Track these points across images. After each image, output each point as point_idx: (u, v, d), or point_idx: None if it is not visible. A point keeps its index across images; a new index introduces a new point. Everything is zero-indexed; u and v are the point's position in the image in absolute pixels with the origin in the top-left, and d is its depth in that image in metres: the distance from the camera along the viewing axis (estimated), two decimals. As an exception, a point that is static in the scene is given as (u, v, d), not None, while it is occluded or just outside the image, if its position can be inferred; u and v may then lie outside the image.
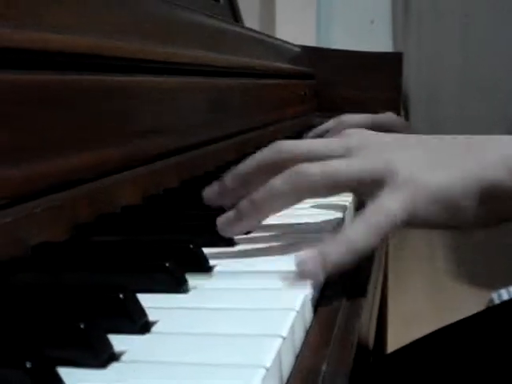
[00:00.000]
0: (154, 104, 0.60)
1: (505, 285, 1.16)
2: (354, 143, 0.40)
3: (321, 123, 0.82)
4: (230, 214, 0.39)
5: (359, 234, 0.34)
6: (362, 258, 0.34)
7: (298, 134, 1.13)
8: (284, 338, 0.25)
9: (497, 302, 1.00)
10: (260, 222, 0.39)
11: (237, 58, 0.87)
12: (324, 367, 0.26)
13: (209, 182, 0.63)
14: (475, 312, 0.64)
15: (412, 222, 0.36)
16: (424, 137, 0.41)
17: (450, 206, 0.35)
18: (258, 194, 0.38)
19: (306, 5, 2.89)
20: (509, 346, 0.52)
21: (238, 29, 0.94)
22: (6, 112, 0.37)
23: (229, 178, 0.42)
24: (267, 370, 0.23)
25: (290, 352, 0.27)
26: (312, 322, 0.31)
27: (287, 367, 0.26)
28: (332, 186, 0.37)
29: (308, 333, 0.30)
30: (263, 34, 1.08)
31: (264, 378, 0.22)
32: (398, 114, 1.41)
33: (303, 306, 0.30)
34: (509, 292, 1.06)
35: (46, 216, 0.40)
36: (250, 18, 2.16)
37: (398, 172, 0.36)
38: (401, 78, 1.37)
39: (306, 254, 0.33)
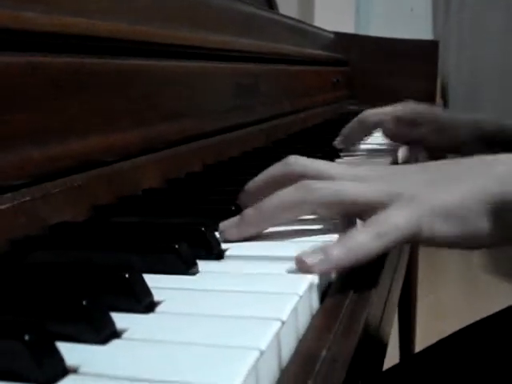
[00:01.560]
0: (180, 88, 0.61)
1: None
2: (362, 171, 0.40)
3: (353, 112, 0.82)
4: (235, 219, 0.39)
5: (362, 239, 0.33)
6: (364, 263, 0.34)
7: (329, 122, 1.12)
8: (283, 323, 0.25)
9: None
10: (264, 230, 0.39)
11: (266, 43, 0.87)
12: (324, 353, 0.26)
13: (233, 167, 0.64)
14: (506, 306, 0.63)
15: (419, 239, 0.35)
16: (428, 162, 0.40)
17: (457, 221, 0.34)
18: (265, 203, 0.38)
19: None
20: None
21: (269, 14, 0.94)
22: (26, 94, 0.38)
23: (243, 196, 0.42)
24: (262, 352, 0.23)
25: (291, 337, 0.27)
26: (318, 309, 0.31)
27: (288, 351, 0.26)
28: (337, 204, 0.37)
29: (313, 319, 0.30)
30: (295, 19, 1.07)
31: (258, 361, 0.22)
32: (433, 102, 1.39)
33: (308, 291, 0.30)
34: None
35: (65, 196, 0.41)
36: (289, 6, 2.15)
37: (403, 193, 0.36)
38: (436, 66, 1.35)
39: (308, 250, 0.33)
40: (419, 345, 1.43)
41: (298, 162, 0.41)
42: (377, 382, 0.55)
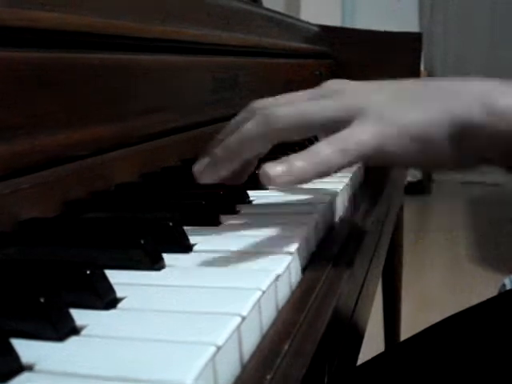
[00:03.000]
0: (157, 82, 0.60)
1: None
2: (328, 88, 0.39)
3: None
4: (205, 160, 0.39)
5: (326, 154, 0.34)
6: (324, 176, 0.35)
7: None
8: (244, 318, 0.25)
9: (509, 287, 1.00)
10: (234, 167, 0.39)
11: (246, 36, 0.86)
12: (286, 348, 0.26)
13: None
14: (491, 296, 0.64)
15: (381, 157, 0.35)
16: (400, 80, 0.39)
17: (420, 141, 0.34)
18: (231, 139, 0.38)
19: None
20: None
21: (250, 7, 0.93)
22: (-7, 89, 0.38)
23: (210, 146, 0.42)
24: (219, 348, 0.23)
25: (254, 332, 0.27)
26: (284, 303, 0.31)
27: (250, 347, 0.26)
28: (303, 126, 0.37)
29: (278, 313, 0.30)
30: (277, 12, 1.07)
31: (215, 356, 0.22)
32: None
33: (273, 286, 0.30)
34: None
35: (36, 192, 0.40)
36: (275, 0, 2.14)
37: (369, 109, 0.35)
38: (419, 58, 1.35)
39: (273, 162, 0.34)
40: (404, 336, 1.43)
41: (260, 104, 0.39)
42: (355, 373, 0.56)
